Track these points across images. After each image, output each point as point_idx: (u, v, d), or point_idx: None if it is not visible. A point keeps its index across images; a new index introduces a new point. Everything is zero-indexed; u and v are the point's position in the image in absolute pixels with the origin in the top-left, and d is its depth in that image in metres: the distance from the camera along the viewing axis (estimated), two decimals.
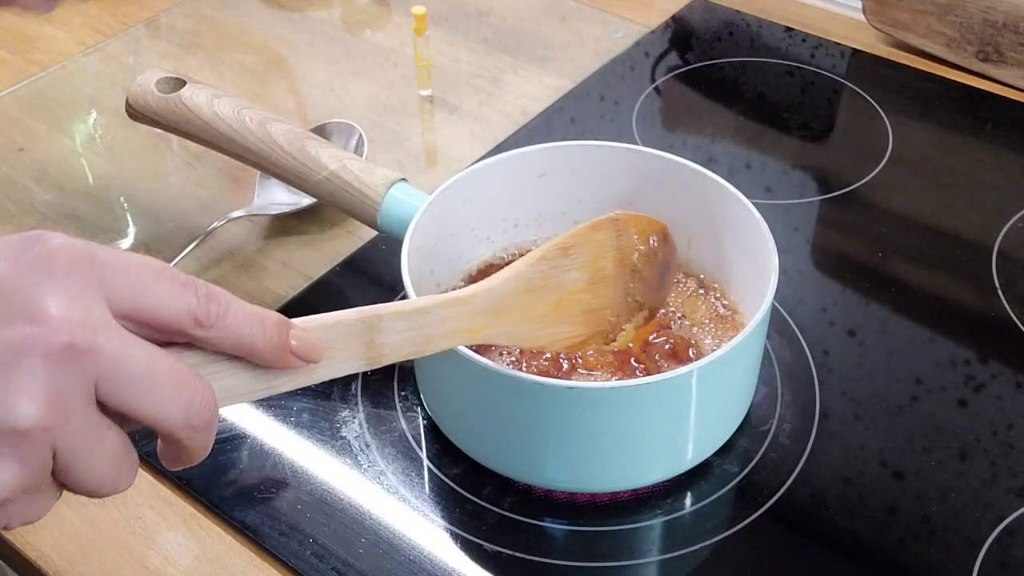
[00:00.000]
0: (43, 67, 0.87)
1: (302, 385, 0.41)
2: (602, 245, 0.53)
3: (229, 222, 0.70)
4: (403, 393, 0.60)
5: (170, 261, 0.67)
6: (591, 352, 0.57)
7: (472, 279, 0.62)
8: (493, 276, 0.50)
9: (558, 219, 0.64)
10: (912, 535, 0.53)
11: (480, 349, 0.52)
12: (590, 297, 0.53)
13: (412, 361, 0.60)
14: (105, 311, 0.35)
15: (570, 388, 0.49)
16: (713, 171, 0.59)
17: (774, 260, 0.53)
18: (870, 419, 0.58)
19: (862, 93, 0.83)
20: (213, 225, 0.69)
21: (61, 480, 0.36)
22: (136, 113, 0.65)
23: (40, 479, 0.35)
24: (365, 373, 0.61)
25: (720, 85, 0.85)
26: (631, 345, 0.56)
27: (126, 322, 0.35)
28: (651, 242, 0.55)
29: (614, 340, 0.54)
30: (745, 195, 0.57)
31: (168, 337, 0.37)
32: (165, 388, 0.35)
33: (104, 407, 0.35)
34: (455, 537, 0.53)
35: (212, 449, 0.57)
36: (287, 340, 0.39)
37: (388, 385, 0.60)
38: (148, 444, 0.58)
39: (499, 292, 0.49)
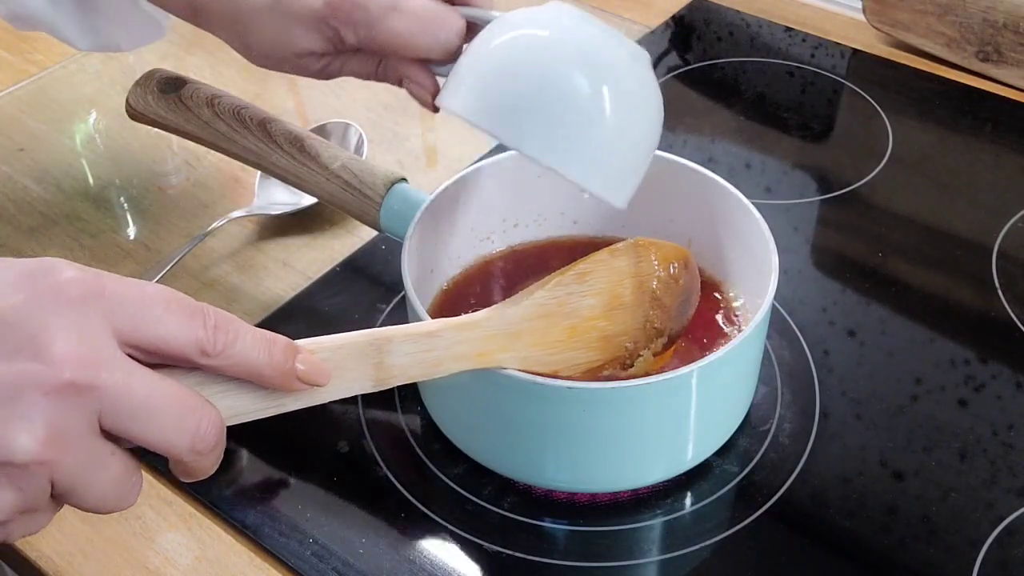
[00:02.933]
0: (43, 67, 0.87)
1: (310, 404, 0.42)
2: (620, 271, 0.53)
3: (229, 222, 0.70)
4: (403, 393, 0.60)
5: (170, 261, 0.67)
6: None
7: (468, 279, 0.62)
8: (507, 300, 0.49)
9: (558, 219, 0.64)
10: (912, 535, 0.53)
11: None
12: (606, 323, 0.52)
13: None
14: (111, 343, 0.35)
15: (570, 388, 0.49)
16: (713, 171, 0.59)
17: (774, 260, 0.53)
18: (870, 419, 0.58)
19: (862, 93, 0.83)
20: (213, 225, 0.69)
21: (62, 501, 0.36)
22: (136, 113, 0.65)
23: (38, 504, 0.35)
24: None
25: (720, 85, 0.85)
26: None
27: (134, 351, 0.36)
28: (671, 269, 0.54)
29: (631, 367, 0.53)
30: (745, 195, 0.57)
31: (176, 363, 0.37)
32: (169, 416, 0.36)
33: (109, 433, 0.36)
34: (455, 537, 0.53)
35: None
36: (293, 365, 0.39)
37: None
38: None
39: (512, 317, 0.49)
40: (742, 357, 0.53)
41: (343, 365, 0.42)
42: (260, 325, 0.66)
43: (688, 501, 0.55)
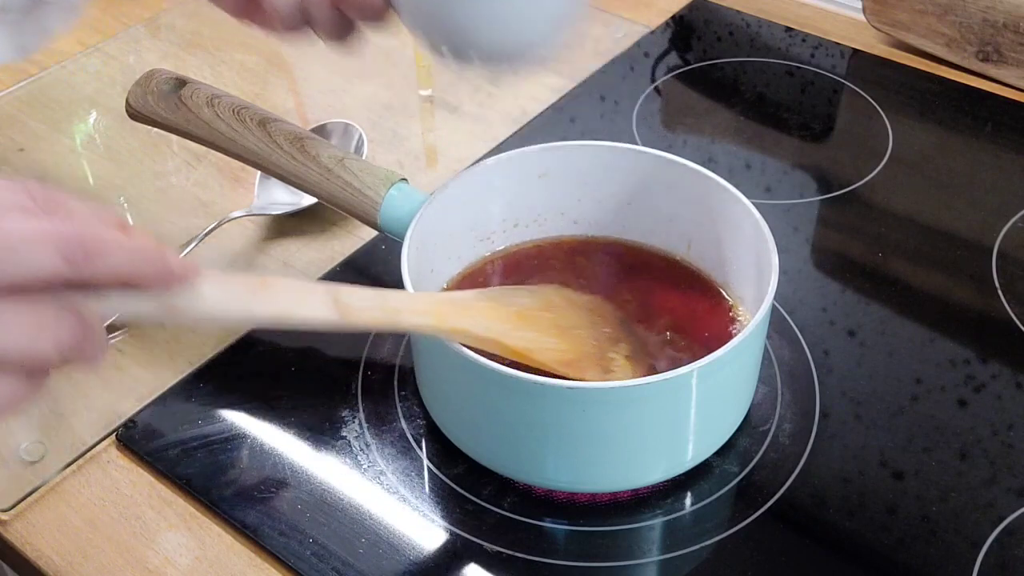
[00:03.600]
0: (43, 67, 0.87)
1: (280, 321, 0.44)
2: (548, 290, 0.56)
3: (229, 222, 0.70)
4: (403, 393, 0.60)
5: None
6: None
7: (468, 279, 0.62)
8: None
9: (558, 219, 0.64)
10: (912, 535, 0.53)
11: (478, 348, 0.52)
12: (553, 316, 0.54)
13: (412, 361, 0.60)
14: None
15: (570, 388, 0.49)
16: (713, 171, 0.59)
17: (774, 260, 0.53)
18: (870, 419, 0.58)
19: (862, 93, 0.83)
20: (213, 225, 0.69)
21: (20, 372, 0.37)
22: (136, 113, 0.65)
23: None
24: (365, 372, 0.61)
25: (720, 85, 0.85)
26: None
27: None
28: (596, 302, 0.57)
29: (609, 370, 0.54)
30: (745, 195, 0.57)
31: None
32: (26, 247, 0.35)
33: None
34: (455, 537, 0.53)
35: (212, 448, 0.58)
36: (166, 264, 0.39)
37: (388, 385, 0.61)
38: (148, 443, 0.58)
39: (460, 296, 0.51)
40: (742, 357, 0.53)
41: (301, 295, 0.44)
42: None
43: (688, 501, 0.55)
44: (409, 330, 0.49)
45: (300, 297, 0.44)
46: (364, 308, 0.47)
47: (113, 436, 0.58)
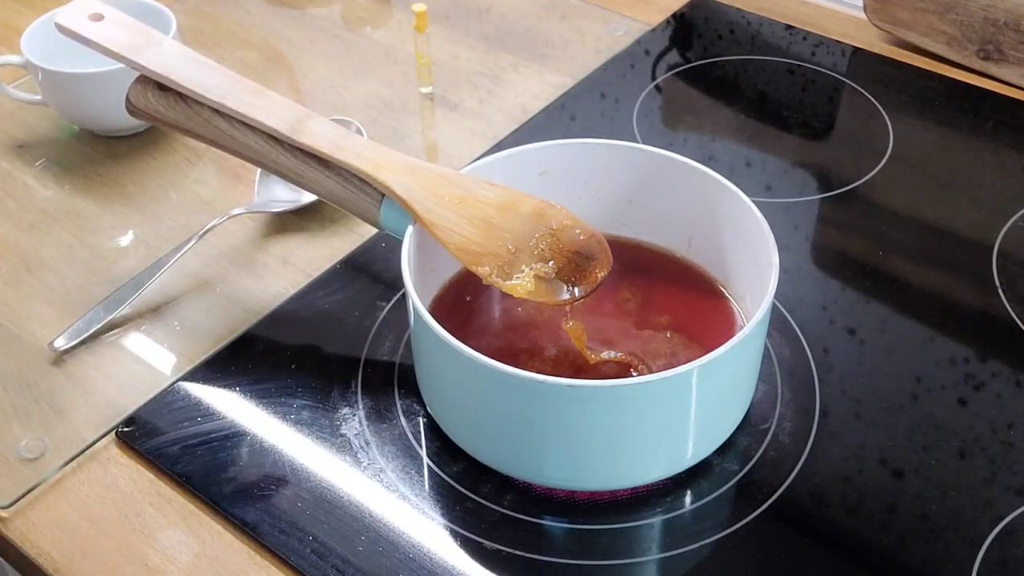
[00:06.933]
0: None
1: (238, 113, 0.56)
2: (527, 197, 0.56)
3: (229, 219, 0.70)
4: (403, 391, 0.60)
5: (170, 259, 0.67)
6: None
7: (467, 277, 0.62)
8: None
9: None
10: (912, 534, 0.53)
11: (465, 331, 0.52)
12: (495, 212, 0.56)
13: (412, 358, 0.60)
14: None
15: (570, 386, 0.49)
16: (714, 169, 0.59)
17: (774, 258, 0.53)
18: (870, 417, 0.58)
19: (863, 91, 0.83)
20: (213, 222, 0.69)
21: None
22: (136, 110, 0.64)
23: None
24: (365, 370, 0.61)
25: (721, 83, 0.85)
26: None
27: None
28: (576, 229, 0.57)
29: (509, 276, 0.55)
30: (746, 193, 0.57)
31: None
32: None
33: None
34: (455, 535, 0.53)
35: (212, 446, 0.58)
36: None
37: (388, 383, 0.61)
38: (148, 440, 0.58)
39: (416, 162, 0.55)
40: (742, 355, 0.53)
41: (270, 104, 0.55)
42: (260, 323, 0.66)
43: (688, 499, 0.55)
44: (342, 165, 0.54)
45: (270, 104, 0.55)
46: (316, 134, 0.54)
47: (113, 433, 0.58)
